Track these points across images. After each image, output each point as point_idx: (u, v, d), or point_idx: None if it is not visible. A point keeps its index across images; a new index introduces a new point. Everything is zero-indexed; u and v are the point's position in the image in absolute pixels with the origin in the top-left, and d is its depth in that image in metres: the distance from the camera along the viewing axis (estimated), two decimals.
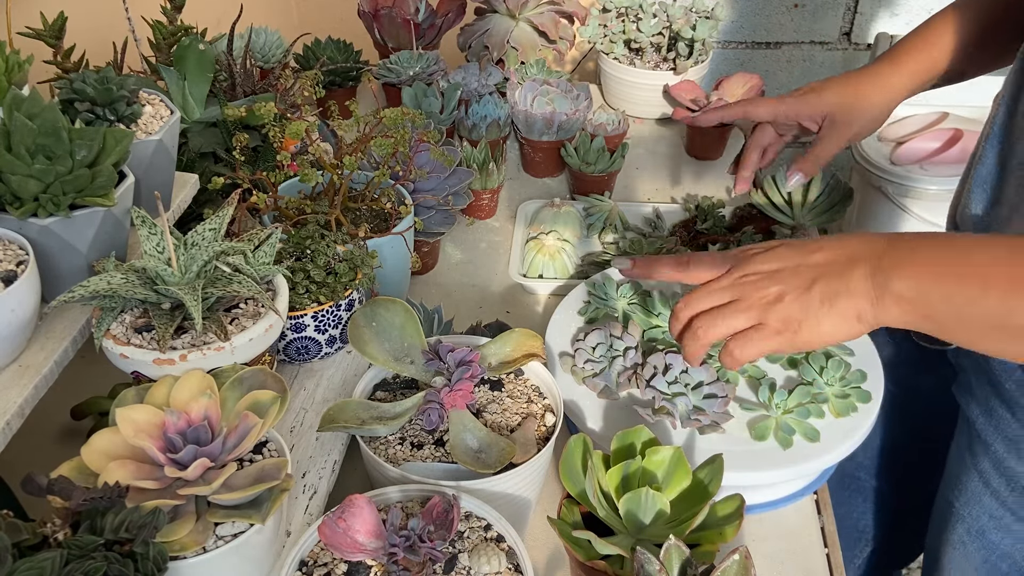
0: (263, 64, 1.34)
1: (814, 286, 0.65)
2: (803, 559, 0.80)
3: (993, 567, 0.82)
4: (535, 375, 0.80)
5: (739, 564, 0.57)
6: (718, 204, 1.16)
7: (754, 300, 0.67)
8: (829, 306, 0.64)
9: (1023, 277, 0.58)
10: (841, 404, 0.82)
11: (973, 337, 0.62)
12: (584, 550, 0.65)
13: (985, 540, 0.83)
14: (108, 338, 0.69)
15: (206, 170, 0.97)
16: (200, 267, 0.71)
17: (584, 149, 1.24)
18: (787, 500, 0.84)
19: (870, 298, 0.63)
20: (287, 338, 0.85)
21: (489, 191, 1.19)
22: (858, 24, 1.88)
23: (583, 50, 1.67)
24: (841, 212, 1.12)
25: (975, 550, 0.84)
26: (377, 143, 0.90)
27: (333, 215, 0.91)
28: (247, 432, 0.63)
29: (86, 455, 0.62)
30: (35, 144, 0.67)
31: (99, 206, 0.70)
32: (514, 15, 1.42)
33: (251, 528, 0.63)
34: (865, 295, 0.63)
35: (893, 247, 0.64)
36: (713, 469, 0.68)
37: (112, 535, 0.56)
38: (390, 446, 0.74)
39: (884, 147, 1.68)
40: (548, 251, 1.08)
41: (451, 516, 0.62)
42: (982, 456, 0.83)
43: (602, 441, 0.78)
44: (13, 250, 0.68)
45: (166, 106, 0.86)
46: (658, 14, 1.40)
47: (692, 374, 0.82)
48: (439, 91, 1.28)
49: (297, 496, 0.76)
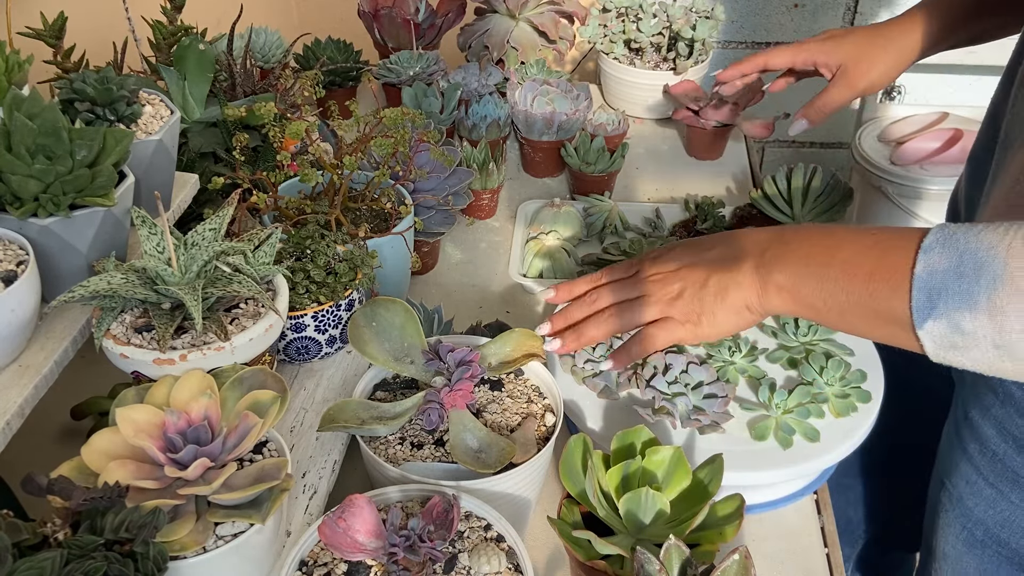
0: (263, 64, 1.34)
1: (708, 280, 0.72)
2: (803, 559, 0.80)
3: (970, 534, 0.83)
4: (535, 375, 0.80)
5: (739, 564, 0.57)
6: (718, 204, 1.16)
7: (659, 296, 0.74)
8: (722, 298, 0.71)
9: (887, 261, 0.61)
10: (841, 404, 0.82)
11: (848, 323, 0.65)
12: (584, 550, 0.65)
13: (963, 507, 0.83)
14: (108, 338, 0.69)
15: (206, 170, 0.97)
16: (200, 267, 0.71)
17: (584, 149, 1.24)
18: (787, 500, 0.84)
19: (756, 289, 0.69)
20: (287, 338, 0.85)
21: (489, 191, 1.19)
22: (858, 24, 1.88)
23: (583, 50, 1.67)
24: (841, 212, 1.12)
25: (954, 518, 0.84)
26: (377, 143, 0.90)
27: (333, 215, 0.91)
28: (247, 432, 0.63)
29: (86, 455, 0.62)
30: (35, 144, 0.67)
31: (99, 206, 0.70)
32: (514, 15, 1.42)
33: (251, 528, 0.63)
34: (751, 286, 0.69)
35: (778, 241, 0.69)
36: (713, 469, 0.68)
37: (112, 535, 0.56)
38: (390, 446, 0.74)
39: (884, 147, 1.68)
40: (548, 251, 1.08)
41: (451, 516, 0.62)
42: (963, 424, 0.83)
43: (602, 441, 0.78)
44: (13, 250, 0.68)
45: (166, 106, 0.86)
46: (658, 14, 1.40)
47: (692, 374, 0.82)
48: (439, 91, 1.28)
49: (297, 496, 0.76)
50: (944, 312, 0.57)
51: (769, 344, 0.89)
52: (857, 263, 0.63)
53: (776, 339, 0.90)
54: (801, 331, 0.88)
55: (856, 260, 0.63)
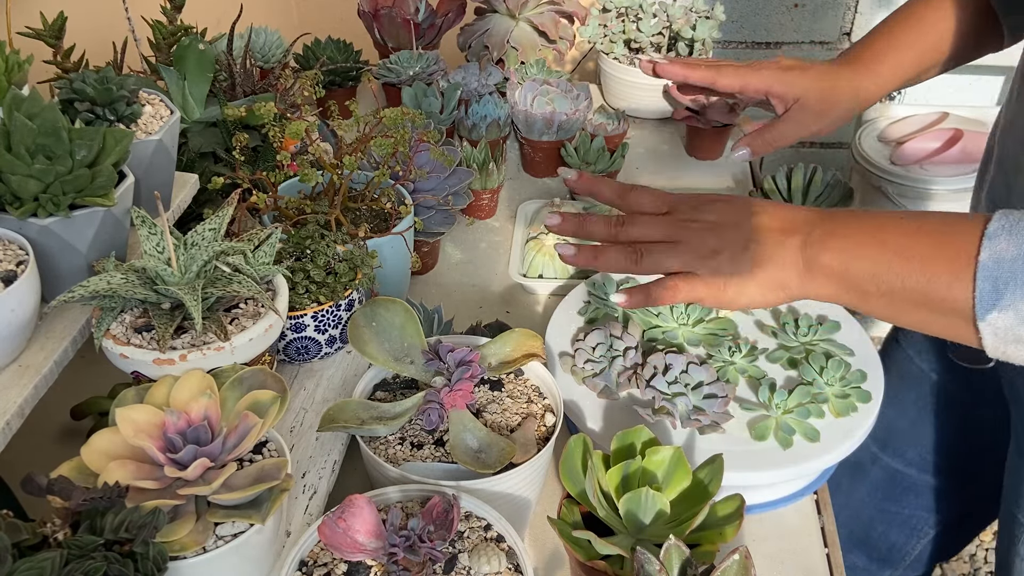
0: (263, 64, 1.34)
1: (749, 247, 0.66)
2: (803, 559, 0.80)
3: None
4: (535, 375, 0.80)
5: (739, 564, 0.57)
6: None
7: (692, 246, 0.68)
8: (758, 271, 0.66)
9: (947, 247, 0.58)
10: (841, 404, 0.82)
11: (896, 311, 0.62)
12: (584, 550, 0.65)
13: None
14: (108, 338, 0.69)
15: (206, 170, 0.97)
16: (200, 267, 0.71)
17: (584, 149, 1.24)
18: (787, 500, 0.84)
19: (798, 269, 0.65)
20: (287, 338, 0.85)
21: (489, 191, 1.19)
22: (858, 24, 1.88)
23: (583, 50, 1.67)
24: None
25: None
26: (377, 143, 0.90)
27: (333, 215, 0.91)
28: (247, 432, 0.63)
29: (86, 455, 0.62)
30: (35, 144, 0.67)
31: (99, 206, 0.70)
32: (514, 15, 1.42)
33: (251, 528, 0.63)
34: (793, 266, 0.65)
35: (825, 220, 0.65)
36: (713, 469, 0.68)
37: (112, 535, 0.56)
38: (390, 446, 0.74)
39: (884, 147, 1.68)
40: (548, 251, 1.08)
41: (451, 516, 0.62)
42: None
43: (602, 441, 0.78)
44: (13, 250, 0.68)
45: (166, 106, 0.86)
46: (658, 14, 1.40)
47: (692, 374, 0.82)
48: (439, 91, 1.28)
49: (297, 496, 0.76)
50: (1011, 303, 0.55)
51: (769, 344, 0.89)
52: (913, 248, 0.60)
53: (776, 339, 0.90)
54: (801, 331, 0.88)
55: (912, 245, 0.60)
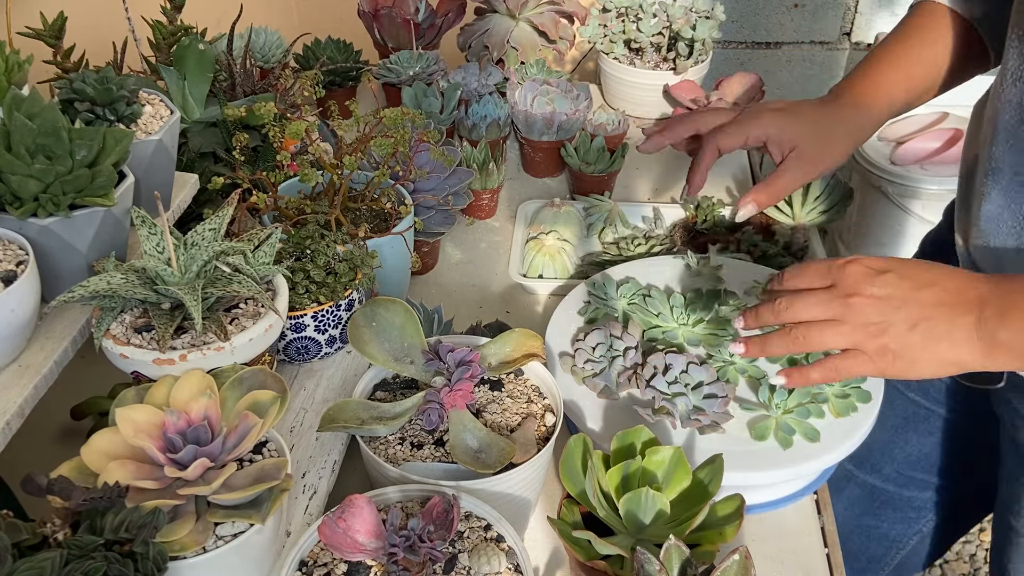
0: (263, 64, 1.34)
1: (918, 326, 0.65)
2: (803, 559, 0.80)
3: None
4: (535, 375, 0.80)
5: (739, 564, 0.57)
6: (718, 204, 1.16)
7: (857, 324, 0.67)
8: (930, 349, 0.65)
9: None
10: (841, 404, 0.82)
11: None
12: (584, 550, 0.65)
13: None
14: (108, 338, 0.69)
15: (206, 170, 0.97)
16: (200, 267, 0.71)
17: (584, 149, 1.24)
18: (787, 500, 0.84)
19: (977, 349, 0.64)
20: (287, 338, 0.85)
21: (489, 191, 1.19)
22: (858, 24, 1.88)
23: (583, 50, 1.67)
24: (841, 212, 1.12)
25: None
26: (377, 143, 0.90)
27: (333, 215, 0.91)
28: (247, 432, 0.63)
29: (86, 455, 0.62)
30: (35, 144, 0.67)
31: (99, 206, 0.70)
32: (514, 15, 1.42)
33: (251, 528, 0.63)
34: (968, 344, 0.64)
35: (997, 296, 0.64)
36: (713, 469, 0.68)
37: (112, 535, 0.56)
38: (390, 446, 0.74)
39: (884, 147, 1.69)
40: (548, 251, 1.08)
41: (451, 516, 0.62)
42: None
43: (602, 441, 0.78)
44: (13, 250, 0.68)
45: (166, 106, 0.86)
46: (658, 14, 1.40)
47: (692, 374, 0.82)
48: (439, 91, 1.28)
49: (297, 496, 0.76)
50: None
51: None
52: None
53: None
54: None
55: None
